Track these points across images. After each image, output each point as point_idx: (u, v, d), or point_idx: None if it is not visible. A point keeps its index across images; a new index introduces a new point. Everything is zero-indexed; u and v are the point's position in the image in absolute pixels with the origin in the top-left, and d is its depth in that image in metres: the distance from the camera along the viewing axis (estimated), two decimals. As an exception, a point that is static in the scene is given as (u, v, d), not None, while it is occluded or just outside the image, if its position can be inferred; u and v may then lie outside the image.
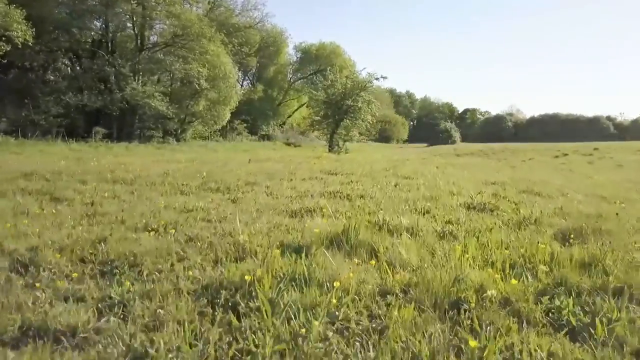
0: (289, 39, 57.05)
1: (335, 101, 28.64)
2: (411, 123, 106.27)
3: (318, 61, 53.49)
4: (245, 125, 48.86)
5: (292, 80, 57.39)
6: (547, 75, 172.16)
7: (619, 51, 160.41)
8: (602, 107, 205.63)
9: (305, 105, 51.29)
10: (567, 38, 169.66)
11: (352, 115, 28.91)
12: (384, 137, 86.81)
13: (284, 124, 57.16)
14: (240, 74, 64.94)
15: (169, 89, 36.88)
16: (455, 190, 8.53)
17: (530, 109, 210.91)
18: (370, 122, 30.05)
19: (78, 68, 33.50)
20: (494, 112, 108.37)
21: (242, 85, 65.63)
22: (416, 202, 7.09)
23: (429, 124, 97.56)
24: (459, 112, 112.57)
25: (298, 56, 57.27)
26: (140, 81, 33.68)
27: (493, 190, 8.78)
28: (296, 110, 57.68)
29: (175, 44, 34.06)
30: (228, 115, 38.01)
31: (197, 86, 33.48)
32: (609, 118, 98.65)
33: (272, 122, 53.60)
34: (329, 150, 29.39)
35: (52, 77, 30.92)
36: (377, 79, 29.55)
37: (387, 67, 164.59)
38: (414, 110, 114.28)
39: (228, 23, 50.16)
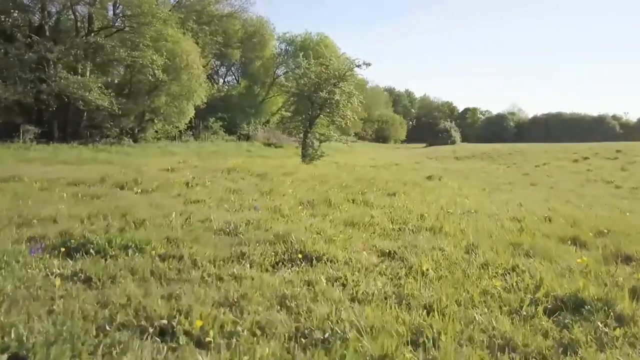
0: (275, 30, 52.22)
1: (308, 93, 23.31)
2: (410, 122, 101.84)
3: (304, 53, 48.25)
4: (221, 123, 43.61)
5: (274, 74, 52.20)
6: (548, 74, 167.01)
7: (620, 50, 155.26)
8: (604, 106, 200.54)
9: (290, 101, 46.16)
10: (568, 37, 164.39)
11: (328, 110, 23.54)
12: (381, 137, 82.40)
13: (267, 122, 51.88)
14: (223, 68, 60.14)
15: (128, 81, 31.87)
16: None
17: (532, 108, 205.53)
18: (351, 118, 24.60)
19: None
20: (495, 112, 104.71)
21: (224, 80, 60.63)
22: None
23: (429, 124, 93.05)
24: (459, 111, 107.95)
25: (282, 48, 52.23)
26: (87, 72, 28.69)
27: None
28: (281, 107, 52.45)
29: (125, 27, 29.01)
30: (192, 112, 32.93)
31: (150, 77, 28.47)
32: (614, 117, 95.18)
33: (253, 121, 48.36)
34: (302, 154, 24.11)
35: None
36: (358, 66, 23.94)
37: (386, 67, 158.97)
38: (413, 110, 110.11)
39: (204, 11, 45.29)
